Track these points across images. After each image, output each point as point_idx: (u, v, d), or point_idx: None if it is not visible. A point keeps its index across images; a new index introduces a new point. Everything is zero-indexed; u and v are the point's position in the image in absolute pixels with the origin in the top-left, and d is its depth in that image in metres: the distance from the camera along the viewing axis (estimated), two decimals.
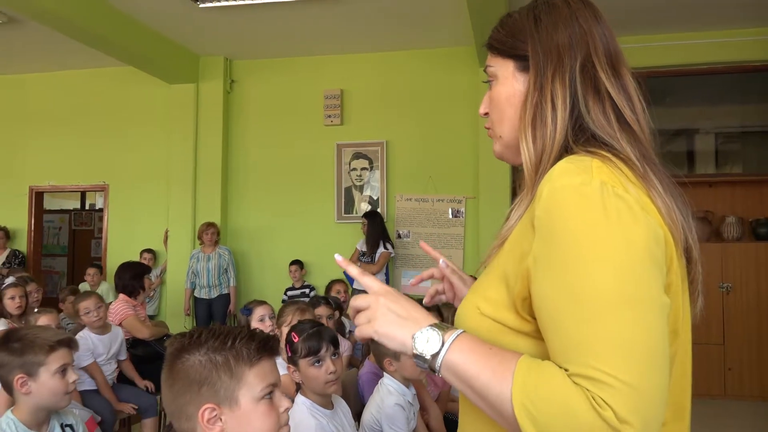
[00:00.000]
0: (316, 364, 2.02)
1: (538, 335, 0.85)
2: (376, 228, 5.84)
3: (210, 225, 6.04)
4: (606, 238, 0.78)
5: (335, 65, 6.44)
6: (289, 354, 2.06)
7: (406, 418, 2.41)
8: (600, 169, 0.83)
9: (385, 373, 2.50)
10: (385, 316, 0.89)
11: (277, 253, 6.36)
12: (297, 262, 6.14)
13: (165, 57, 6.04)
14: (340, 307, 3.92)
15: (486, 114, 1.03)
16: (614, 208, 0.79)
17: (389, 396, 2.42)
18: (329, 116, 6.38)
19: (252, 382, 1.17)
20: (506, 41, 0.98)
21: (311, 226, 6.38)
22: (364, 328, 0.91)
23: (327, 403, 2.08)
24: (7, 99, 7.14)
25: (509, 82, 0.97)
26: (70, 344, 1.91)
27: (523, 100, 0.94)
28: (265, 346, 1.22)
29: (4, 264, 6.14)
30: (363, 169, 6.37)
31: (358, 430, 2.37)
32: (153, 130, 6.68)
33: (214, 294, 6.05)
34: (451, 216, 6.19)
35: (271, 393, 1.20)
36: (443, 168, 6.19)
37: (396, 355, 2.44)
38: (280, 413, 1.20)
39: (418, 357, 0.86)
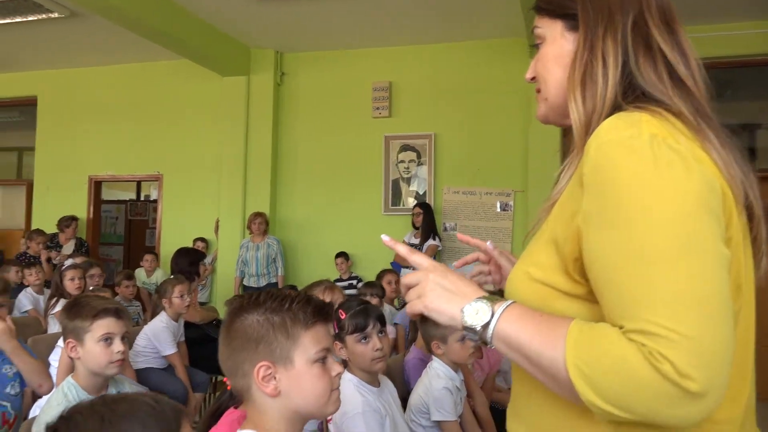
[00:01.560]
0: (363, 340, 2.03)
1: (590, 298, 0.83)
2: (428, 219, 5.85)
3: (258, 215, 6.15)
4: (658, 190, 0.75)
5: (384, 57, 6.45)
6: (336, 330, 2.08)
7: (454, 402, 2.40)
8: (650, 123, 0.81)
9: (433, 357, 2.50)
10: (435, 291, 0.90)
11: (324, 244, 6.42)
12: (342, 254, 6.18)
13: (218, 50, 6.17)
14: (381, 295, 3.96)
15: (533, 79, 1.02)
16: (665, 160, 0.76)
17: (437, 379, 2.41)
18: (377, 108, 6.40)
19: (307, 344, 1.19)
20: (554, 1, 0.96)
21: (358, 218, 6.42)
22: (414, 304, 0.92)
23: (373, 380, 2.09)
24: (70, 92, 7.42)
25: (557, 43, 0.96)
26: (118, 314, 1.96)
27: (572, 60, 0.93)
28: (320, 311, 1.24)
29: (73, 252, 6.37)
30: (411, 161, 6.37)
31: (404, 412, 2.38)
32: (205, 122, 6.83)
33: (263, 282, 6.15)
34: (499, 209, 6.13)
35: (324, 357, 1.21)
36: (492, 161, 6.13)
37: (444, 338, 2.43)
38: (332, 377, 1.22)
39: (469, 329, 0.86)
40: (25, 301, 4.83)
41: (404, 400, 2.50)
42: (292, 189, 6.64)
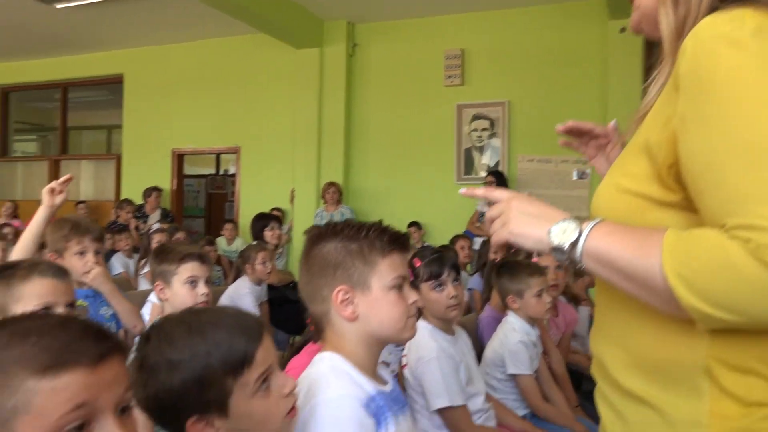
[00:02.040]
0: (438, 288, 2.04)
1: (685, 205, 0.80)
2: (502, 187, 5.77)
3: (331, 184, 6.25)
4: (763, 81, 0.71)
5: (456, 24, 6.36)
6: (411, 278, 2.09)
7: (530, 357, 2.38)
8: (753, 16, 0.76)
9: (509, 311, 2.48)
10: (518, 217, 0.89)
11: (397, 213, 6.44)
12: (415, 224, 6.20)
13: (292, 22, 6.26)
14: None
15: None
16: None
17: (513, 333, 2.40)
18: (450, 77, 6.33)
19: (383, 270, 1.20)
20: None
21: (430, 188, 6.40)
22: (498, 233, 0.91)
23: (448, 329, 2.09)
24: (153, 69, 7.73)
25: None
26: (201, 258, 2.05)
27: None
28: (396, 240, 1.25)
29: (159, 221, 6.70)
30: (483, 129, 6.28)
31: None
32: (280, 94, 6.97)
33: None
34: (575, 177, 5.96)
35: (401, 285, 1.23)
36: None
37: (520, 293, 2.41)
38: (408, 304, 1.23)
39: (557, 249, 0.84)
40: (117, 264, 5.12)
41: (479, 358, 2.49)
42: (365, 159, 6.69)
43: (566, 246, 0.83)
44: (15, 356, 0.69)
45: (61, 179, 2.09)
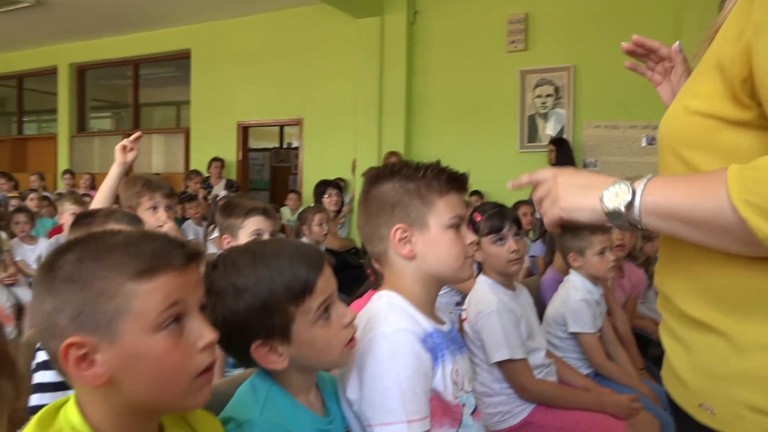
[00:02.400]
0: (499, 242, 2.02)
1: (759, 123, 0.76)
2: (564, 155, 5.64)
3: (392, 153, 6.25)
4: None
5: None
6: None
7: (593, 315, 2.34)
8: None
9: (570, 270, 2.44)
10: (567, 190, 0.87)
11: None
12: (476, 193, 6.13)
13: None
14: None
15: None
16: None
17: (575, 291, 2.36)
18: (512, 42, 6.18)
19: (441, 209, 1.20)
20: None
21: (493, 156, 6.31)
22: (550, 211, 0.89)
23: (509, 284, 2.08)
24: (218, 43, 7.90)
25: None
26: (266, 213, 2.10)
27: None
28: (454, 180, 1.24)
29: (224, 190, 6.92)
30: (548, 95, 6.12)
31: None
32: (342, 64, 6.99)
33: None
34: (644, 143, 5.74)
35: (458, 224, 1.23)
36: (637, 92, 5.68)
37: (581, 251, 2.36)
38: (466, 245, 1.23)
39: (613, 214, 0.82)
40: (188, 231, 5.34)
41: (541, 319, 2.47)
42: (426, 127, 6.65)
43: (622, 208, 0.80)
44: (112, 264, 0.75)
45: (132, 137, 2.18)
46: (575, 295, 2.33)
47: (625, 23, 5.72)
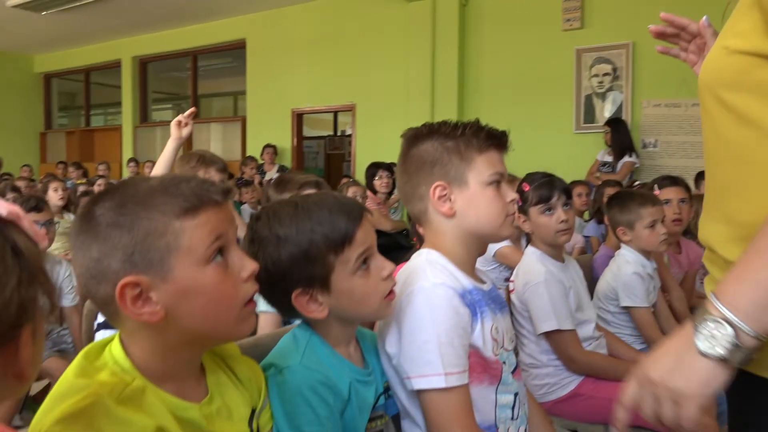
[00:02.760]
0: (547, 212, 1.99)
1: None
2: (620, 136, 5.48)
3: None
4: None
5: None
6: (520, 203, 2.06)
7: (645, 289, 2.28)
8: None
9: (622, 244, 2.38)
10: (673, 380, 0.73)
11: (513, 165, 6.18)
12: None
13: None
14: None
15: None
16: None
17: (626, 265, 2.30)
18: (568, 20, 6.03)
19: (480, 167, 1.20)
20: None
21: (548, 138, 6.18)
22: (683, 414, 0.73)
23: (558, 255, 2.05)
24: (272, 32, 8.03)
25: None
26: (319, 185, 2.13)
27: None
28: (493, 137, 1.24)
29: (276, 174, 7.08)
30: (605, 74, 5.95)
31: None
32: (393, 49, 6.98)
33: None
34: None
35: (498, 182, 1.22)
36: None
37: (631, 224, 2.30)
38: (506, 202, 1.22)
39: (729, 361, 0.70)
40: (244, 214, 5.48)
41: (592, 295, 2.42)
42: (479, 110, 6.57)
43: (730, 347, 0.70)
44: (155, 205, 0.79)
45: (186, 113, 2.26)
46: (627, 269, 2.27)
47: None
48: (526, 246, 2.13)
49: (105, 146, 10.44)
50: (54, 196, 4.25)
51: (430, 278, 1.14)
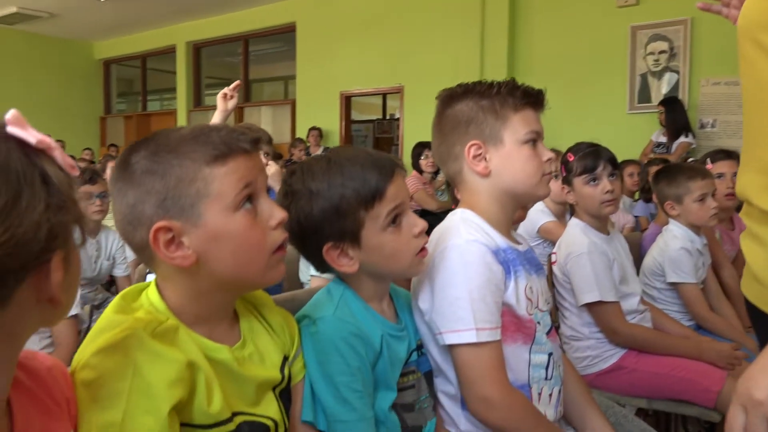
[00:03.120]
0: (592, 182, 1.95)
1: None
2: (675, 116, 5.30)
3: None
4: None
5: None
6: (564, 174, 2.03)
7: (694, 265, 2.21)
8: None
9: (670, 219, 2.32)
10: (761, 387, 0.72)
11: (564, 147, 6.19)
12: None
13: None
14: None
15: None
16: None
17: (674, 240, 2.24)
18: None
19: (516, 125, 1.19)
20: None
21: (600, 119, 6.04)
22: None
23: (602, 227, 2.01)
24: (322, 15, 8.07)
25: None
26: None
27: None
28: (529, 95, 1.23)
29: None
30: (661, 52, 5.75)
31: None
32: (441, 30, 6.92)
33: None
34: None
35: (534, 140, 1.21)
36: None
37: (679, 198, 2.23)
38: (543, 161, 1.21)
39: None
40: None
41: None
42: None
43: None
44: (186, 153, 0.82)
45: (232, 85, 2.30)
46: (674, 244, 2.21)
47: None
48: (570, 218, 2.10)
49: None
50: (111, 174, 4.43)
51: (464, 235, 1.14)
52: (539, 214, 2.79)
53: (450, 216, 1.23)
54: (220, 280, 0.85)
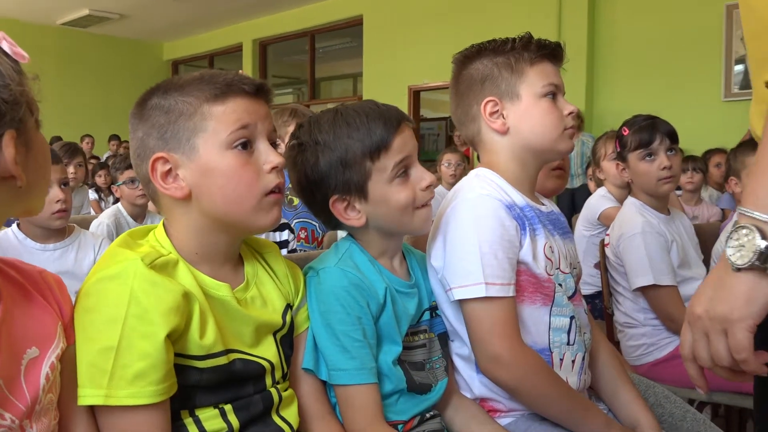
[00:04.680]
0: (648, 158, 1.93)
1: None
2: None
3: None
4: None
5: None
6: (618, 149, 2.01)
7: None
8: None
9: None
10: (716, 310, 0.74)
11: None
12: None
13: None
14: None
15: None
16: None
17: None
18: None
19: (533, 78, 1.22)
20: None
21: (691, 107, 5.81)
22: (733, 343, 0.73)
23: (661, 207, 1.98)
24: (389, 6, 8.21)
25: None
26: None
27: None
28: (545, 48, 1.25)
29: None
30: None
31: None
32: (514, 17, 6.88)
33: (577, 184, 6.08)
34: None
35: (553, 93, 1.23)
36: None
37: (737, 173, 2.17)
38: (563, 115, 1.23)
39: (763, 265, 0.70)
40: None
41: None
42: (612, 78, 6.33)
43: (761, 248, 0.69)
44: (191, 90, 0.93)
45: None
46: None
47: None
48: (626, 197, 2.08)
49: None
50: None
51: (476, 190, 1.18)
52: (600, 200, 2.75)
53: (467, 175, 1.27)
54: (212, 216, 0.94)
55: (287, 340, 1.04)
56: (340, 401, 1.05)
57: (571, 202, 6.09)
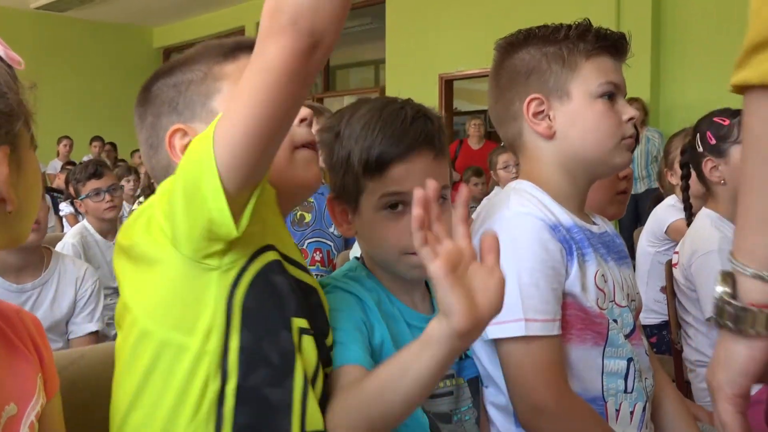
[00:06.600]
0: None
1: None
2: None
3: (633, 100, 5.98)
4: None
5: None
6: (713, 142, 1.94)
7: None
8: None
9: None
10: (725, 376, 0.75)
11: None
12: None
13: None
14: None
15: None
16: None
17: None
18: None
19: (587, 74, 1.20)
20: None
21: None
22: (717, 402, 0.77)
23: None
24: None
25: None
26: None
27: None
28: (605, 39, 1.24)
29: None
30: None
31: None
32: None
33: (641, 188, 6.02)
34: None
35: (612, 94, 1.21)
36: None
37: None
38: (622, 121, 1.21)
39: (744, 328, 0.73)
40: None
41: None
42: (681, 67, 6.27)
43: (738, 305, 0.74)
44: (198, 57, 1.00)
45: None
46: None
47: None
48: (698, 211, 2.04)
49: None
50: None
51: (513, 207, 1.16)
52: (669, 210, 2.70)
53: (503, 190, 1.26)
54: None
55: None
56: None
57: (634, 211, 6.00)
